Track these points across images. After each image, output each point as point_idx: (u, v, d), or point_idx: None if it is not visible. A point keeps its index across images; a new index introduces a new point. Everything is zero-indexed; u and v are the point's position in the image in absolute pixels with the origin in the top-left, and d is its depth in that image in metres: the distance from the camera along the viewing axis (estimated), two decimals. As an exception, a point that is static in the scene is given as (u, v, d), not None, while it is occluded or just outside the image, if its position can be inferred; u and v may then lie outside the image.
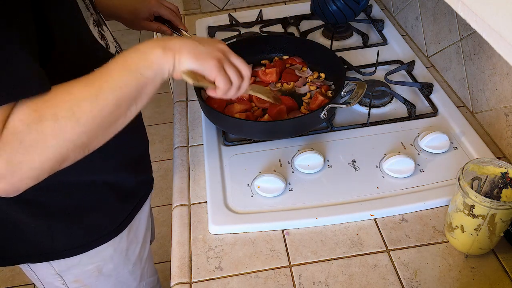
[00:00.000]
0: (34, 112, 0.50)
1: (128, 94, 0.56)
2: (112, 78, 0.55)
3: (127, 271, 0.89)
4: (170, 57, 0.59)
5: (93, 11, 0.69)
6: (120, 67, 0.57)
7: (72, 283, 0.83)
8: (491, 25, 0.33)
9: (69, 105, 0.52)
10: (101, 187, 0.77)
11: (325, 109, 0.84)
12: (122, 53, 0.59)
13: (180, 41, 0.61)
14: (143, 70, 0.57)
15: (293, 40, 1.11)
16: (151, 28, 1.01)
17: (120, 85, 0.55)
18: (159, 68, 0.59)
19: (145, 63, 0.58)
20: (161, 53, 0.59)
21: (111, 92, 0.55)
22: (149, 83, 0.58)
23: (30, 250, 0.77)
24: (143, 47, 0.59)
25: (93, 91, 0.54)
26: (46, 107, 0.51)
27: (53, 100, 0.52)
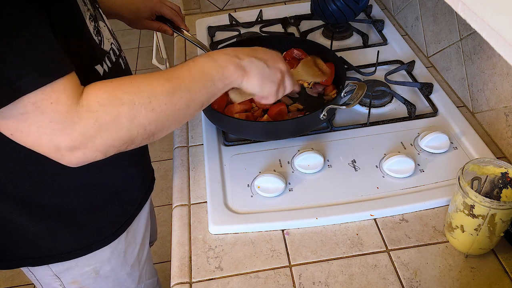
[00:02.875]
0: (111, 96, 0.55)
1: (199, 98, 0.62)
2: (190, 81, 0.61)
3: (125, 273, 0.89)
4: (240, 76, 0.66)
5: (90, 6, 0.70)
6: (198, 73, 0.62)
7: (70, 284, 0.83)
8: (491, 25, 0.33)
9: (147, 94, 0.57)
10: (103, 190, 0.77)
11: (325, 110, 0.84)
12: (199, 57, 0.64)
13: (251, 62, 0.67)
14: (217, 81, 0.63)
15: (293, 40, 1.11)
16: (152, 27, 1.01)
17: (195, 89, 0.61)
18: (229, 83, 0.65)
19: (220, 76, 0.64)
20: (234, 70, 0.65)
21: (186, 92, 0.60)
22: (217, 93, 0.65)
23: (30, 253, 0.77)
24: (219, 58, 0.65)
25: (171, 88, 0.59)
26: (125, 93, 0.56)
27: (133, 88, 0.57)
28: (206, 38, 1.29)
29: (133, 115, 0.56)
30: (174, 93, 0.59)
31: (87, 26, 0.67)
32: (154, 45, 2.02)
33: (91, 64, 0.68)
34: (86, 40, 0.68)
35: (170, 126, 0.61)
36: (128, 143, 0.59)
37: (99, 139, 0.55)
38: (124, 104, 0.55)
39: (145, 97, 0.57)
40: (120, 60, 0.77)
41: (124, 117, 0.56)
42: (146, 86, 0.58)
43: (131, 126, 0.57)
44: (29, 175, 0.68)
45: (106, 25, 0.75)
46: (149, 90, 0.58)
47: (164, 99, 0.58)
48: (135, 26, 1.00)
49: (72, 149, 0.55)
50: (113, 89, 0.56)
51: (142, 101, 0.57)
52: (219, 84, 0.64)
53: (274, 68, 0.70)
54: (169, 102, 0.59)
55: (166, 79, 0.60)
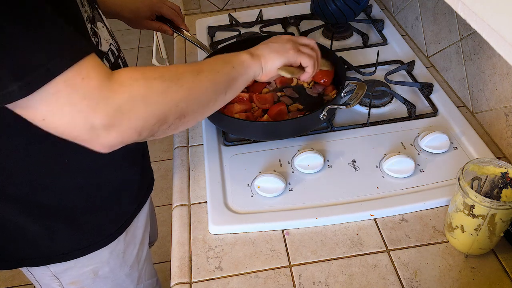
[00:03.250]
0: (142, 74, 0.57)
1: (222, 80, 0.66)
2: (210, 64, 0.66)
3: (124, 273, 0.89)
4: (257, 62, 0.71)
5: (88, 7, 0.70)
6: (216, 59, 0.67)
7: (69, 285, 0.83)
8: (491, 25, 0.33)
9: (175, 73, 0.60)
10: (102, 190, 0.77)
11: (325, 110, 0.84)
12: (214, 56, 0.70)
13: (258, 49, 0.73)
14: (236, 65, 0.68)
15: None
16: (152, 27, 1.01)
17: (217, 69, 0.65)
18: (248, 68, 0.69)
19: (237, 60, 0.69)
20: (250, 57, 0.70)
21: (209, 73, 0.64)
22: (238, 76, 0.68)
23: (29, 253, 0.77)
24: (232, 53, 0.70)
25: (195, 69, 0.63)
26: (153, 71, 0.58)
27: (160, 69, 0.60)
28: (206, 38, 1.29)
29: (165, 89, 0.58)
30: (199, 73, 0.62)
31: (86, 26, 0.67)
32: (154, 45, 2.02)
33: None
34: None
35: (199, 107, 0.63)
36: (162, 121, 0.59)
37: (134, 114, 0.55)
38: (156, 78, 0.57)
39: (173, 74, 0.60)
40: (119, 60, 0.77)
41: (157, 91, 0.57)
42: (173, 67, 0.62)
43: (164, 101, 0.58)
44: (29, 175, 0.68)
45: (105, 25, 0.75)
46: (176, 69, 0.61)
47: (191, 77, 0.61)
48: (135, 26, 1.00)
49: (108, 127, 0.54)
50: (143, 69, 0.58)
51: (171, 77, 0.59)
52: (239, 68, 0.68)
53: (279, 41, 0.76)
54: (196, 80, 0.61)
55: (187, 64, 0.65)
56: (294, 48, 0.76)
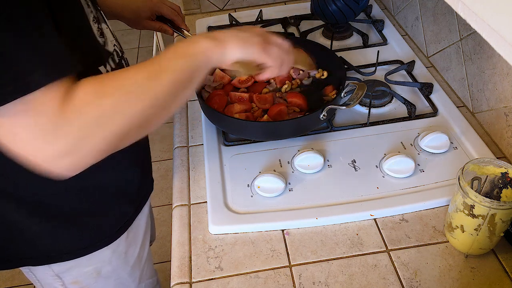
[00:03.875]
0: (95, 92, 0.53)
1: (181, 78, 0.60)
2: (167, 62, 0.60)
3: (126, 272, 0.89)
4: (218, 47, 0.64)
5: (93, 8, 0.70)
6: (173, 54, 0.61)
7: (71, 284, 0.83)
8: (491, 25, 0.33)
9: (130, 82, 0.56)
10: (104, 191, 0.77)
11: (325, 110, 0.84)
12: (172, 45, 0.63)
13: (223, 33, 0.66)
14: (194, 56, 0.62)
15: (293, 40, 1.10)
16: (152, 27, 1.01)
17: (175, 68, 0.60)
18: (208, 55, 0.63)
19: (195, 50, 0.62)
20: (210, 43, 0.63)
21: (167, 74, 0.59)
22: (199, 68, 0.62)
23: (32, 253, 0.77)
24: (192, 39, 0.64)
25: (152, 73, 0.58)
26: (108, 85, 0.54)
27: (115, 79, 0.55)
28: (206, 38, 1.29)
29: (121, 106, 0.54)
30: (156, 77, 0.58)
31: (91, 27, 0.67)
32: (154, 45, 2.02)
33: (95, 65, 0.68)
34: (90, 42, 0.68)
35: (161, 112, 0.60)
36: (122, 137, 0.57)
37: (92, 138, 0.53)
38: (108, 96, 0.54)
39: (129, 85, 0.55)
40: (123, 61, 0.77)
41: (111, 110, 0.54)
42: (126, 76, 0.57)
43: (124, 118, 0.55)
44: (30, 176, 0.68)
45: (108, 26, 0.76)
46: (130, 78, 0.56)
47: (149, 84, 0.57)
48: (136, 26, 1.00)
49: (65, 155, 0.52)
50: (99, 83, 0.54)
51: (128, 89, 0.55)
52: (198, 58, 0.62)
53: (249, 31, 0.69)
54: (154, 87, 0.57)
55: (144, 66, 0.58)
56: (261, 45, 0.68)
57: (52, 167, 0.53)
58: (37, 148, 0.51)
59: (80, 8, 0.65)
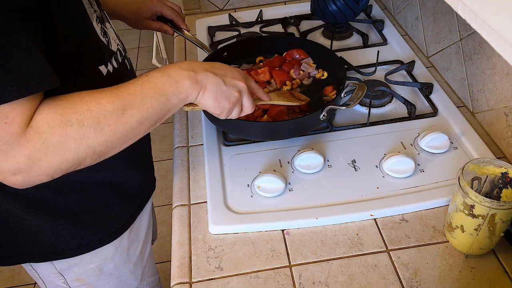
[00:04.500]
0: (60, 116, 0.53)
1: (152, 115, 0.60)
2: (141, 97, 0.58)
3: (128, 270, 0.89)
4: (196, 91, 0.63)
5: (97, 8, 0.70)
6: (151, 88, 0.59)
7: (73, 281, 0.83)
8: (491, 25, 0.33)
9: (96, 114, 0.55)
10: (106, 188, 0.77)
11: (325, 110, 0.84)
12: (153, 72, 0.62)
13: (207, 77, 0.64)
14: (171, 96, 0.61)
15: (293, 40, 1.11)
16: (153, 27, 1.01)
17: (147, 105, 0.58)
18: (185, 97, 0.63)
19: (175, 90, 0.61)
20: (190, 85, 0.62)
21: (137, 110, 0.57)
22: (172, 109, 0.62)
23: (34, 249, 0.77)
24: (173, 73, 0.62)
25: (121, 106, 0.56)
26: (73, 113, 0.53)
27: (81, 107, 0.54)
28: (206, 38, 1.29)
29: (82, 136, 0.54)
30: (125, 111, 0.56)
31: (93, 27, 0.67)
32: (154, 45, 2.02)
33: (95, 65, 0.68)
34: (92, 41, 0.68)
35: (121, 145, 0.59)
36: (76, 165, 0.57)
37: (45, 162, 0.53)
38: (73, 125, 0.53)
39: (94, 117, 0.54)
40: (126, 60, 0.78)
41: (72, 139, 0.54)
42: (95, 104, 0.55)
43: (80, 148, 0.55)
44: None
45: (111, 26, 0.76)
46: (98, 109, 0.55)
47: (114, 118, 0.56)
48: (136, 26, 1.00)
49: (16, 173, 0.53)
50: (63, 108, 0.53)
51: (91, 121, 0.54)
52: (174, 99, 0.61)
53: (231, 86, 0.67)
54: (119, 121, 0.56)
55: (117, 95, 0.57)
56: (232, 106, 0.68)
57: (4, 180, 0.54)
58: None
59: (82, 8, 0.65)
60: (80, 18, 0.65)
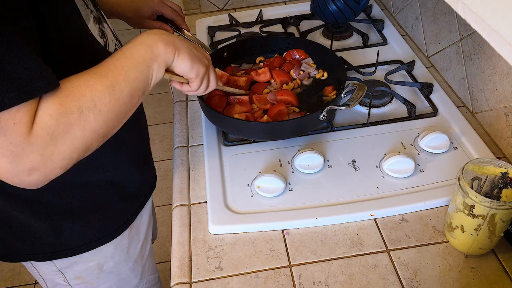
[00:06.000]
0: (60, 106, 0.54)
1: (139, 85, 0.62)
2: (124, 70, 0.60)
3: (128, 268, 0.89)
4: (171, 52, 0.65)
5: (93, 8, 0.70)
6: (129, 60, 0.61)
7: (74, 279, 0.83)
8: (491, 25, 0.33)
9: (90, 97, 0.56)
10: (106, 187, 0.77)
11: (325, 110, 0.84)
12: (126, 45, 0.64)
13: (178, 40, 0.67)
14: (150, 62, 0.63)
15: (292, 40, 1.11)
16: (153, 27, 1.01)
17: (132, 77, 0.60)
18: (163, 60, 0.65)
19: (151, 55, 0.63)
20: (164, 47, 0.64)
21: (125, 84, 0.60)
22: (154, 74, 0.64)
23: (34, 249, 0.77)
24: (146, 40, 0.64)
25: (109, 83, 0.58)
26: (70, 100, 0.55)
27: (75, 93, 0.55)
28: (206, 38, 1.29)
29: (84, 122, 0.55)
30: (114, 87, 0.58)
31: (89, 29, 0.67)
32: (154, 45, 2.02)
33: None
34: (89, 44, 0.68)
35: (119, 122, 0.62)
36: (85, 151, 0.58)
37: (57, 154, 0.54)
38: (73, 112, 0.54)
39: (90, 100, 0.56)
40: None
41: (76, 126, 0.55)
42: (86, 88, 0.56)
43: (85, 134, 0.56)
44: None
45: (109, 26, 0.76)
46: (90, 91, 0.56)
47: (107, 97, 0.57)
48: (136, 26, 1.00)
49: (32, 172, 0.54)
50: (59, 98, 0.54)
51: (88, 105, 0.56)
52: (154, 65, 0.63)
53: (200, 53, 0.72)
54: (112, 99, 0.58)
55: (101, 75, 0.58)
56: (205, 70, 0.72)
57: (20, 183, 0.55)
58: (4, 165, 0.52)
59: (75, 11, 0.64)
60: (74, 21, 0.64)
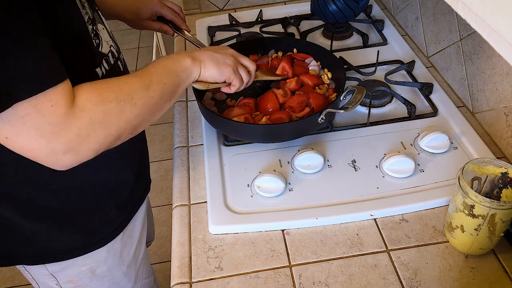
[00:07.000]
0: (100, 95, 0.59)
1: (169, 90, 0.70)
2: (157, 75, 0.69)
3: (121, 272, 0.89)
4: (197, 65, 0.75)
5: (89, 9, 0.70)
6: (162, 68, 0.70)
7: (66, 283, 0.83)
8: (491, 25, 0.33)
9: (127, 91, 0.63)
10: (100, 191, 0.77)
11: (323, 113, 0.83)
12: (159, 59, 0.73)
13: (202, 53, 0.77)
14: (179, 72, 0.72)
15: (292, 41, 1.11)
16: (153, 28, 1.01)
17: (164, 81, 0.69)
18: (190, 72, 0.74)
19: (180, 67, 0.73)
20: (191, 62, 0.74)
21: (158, 85, 0.67)
22: (182, 83, 0.73)
23: (26, 251, 0.77)
24: (176, 56, 0.74)
25: (145, 83, 0.66)
26: (109, 91, 0.61)
27: (114, 86, 0.62)
28: (206, 38, 1.29)
29: (120, 111, 0.61)
30: (149, 87, 0.66)
31: (87, 30, 0.67)
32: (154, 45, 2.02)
33: (92, 67, 0.68)
34: (86, 44, 0.68)
35: (149, 118, 0.67)
36: (116, 138, 0.63)
37: (92, 137, 0.59)
38: (111, 101, 0.60)
39: (127, 93, 0.62)
40: (119, 62, 0.77)
41: (113, 114, 0.60)
42: (125, 84, 0.63)
43: (120, 123, 0.62)
44: (25, 176, 0.68)
45: (105, 27, 0.75)
46: (128, 87, 0.63)
47: (142, 93, 0.64)
48: (136, 27, 1.00)
49: (67, 152, 0.57)
50: (100, 88, 0.60)
51: (125, 97, 0.62)
52: (182, 75, 0.72)
53: (223, 53, 0.80)
54: (146, 95, 0.65)
55: (137, 76, 0.66)
56: (233, 67, 0.79)
57: (54, 161, 0.59)
58: (42, 145, 0.55)
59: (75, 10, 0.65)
60: (74, 21, 0.65)
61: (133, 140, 0.83)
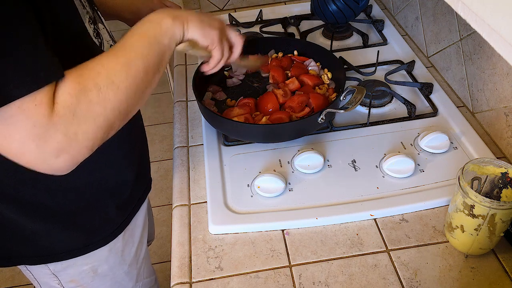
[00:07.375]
0: (77, 85, 0.54)
1: (153, 61, 0.63)
2: (136, 48, 0.61)
3: (123, 271, 0.89)
4: (179, 25, 0.67)
5: (89, 9, 0.70)
6: (140, 38, 0.63)
7: (68, 283, 0.83)
8: (491, 25, 0.33)
9: (106, 75, 0.56)
10: (99, 190, 0.77)
11: (323, 113, 0.84)
12: (136, 25, 0.65)
13: (185, 12, 0.69)
14: (160, 38, 0.64)
15: (292, 41, 1.11)
16: None
17: (144, 53, 0.61)
18: (172, 35, 0.66)
19: (160, 31, 0.64)
20: (172, 21, 0.66)
21: (139, 60, 0.60)
22: (166, 50, 0.65)
23: (27, 251, 0.77)
24: (154, 18, 0.65)
25: (124, 61, 0.59)
26: (86, 79, 0.55)
27: (90, 73, 0.56)
28: (206, 38, 1.29)
29: (103, 99, 0.56)
30: (129, 65, 0.59)
31: (86, 29, 0.67)
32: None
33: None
34: (86, 43, 0.68)
35: (139, 98, 0.62)
36: (108, 129, 0.58)
37: (81, 135, 0.55)
38: (91, 90, 0.55)
39: (106, 78, 0.57)
40: None
41: (96, 104, 0.55)
42: (100, 67, 0.57)
43: (106, 112, 0.56)
44: (25, 176, 0.68)
45: (105, 27, 0.75)
46: (106, 70, 0.57)
47: (124, 74, 0.58)
48: None
49: (59, 154, 0.54)
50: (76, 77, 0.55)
51: (105, 82, 0.56)
52: (165, 40, 0.65)
53: (211, 18, 0.73)
54: (129, 76, 0.59)
55: (115, 54, 0.60)
56: (219, 33, 0.72)
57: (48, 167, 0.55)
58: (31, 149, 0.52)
59: (73, 10, 0.65)
60: (72, 20, 0.65)
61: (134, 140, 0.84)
